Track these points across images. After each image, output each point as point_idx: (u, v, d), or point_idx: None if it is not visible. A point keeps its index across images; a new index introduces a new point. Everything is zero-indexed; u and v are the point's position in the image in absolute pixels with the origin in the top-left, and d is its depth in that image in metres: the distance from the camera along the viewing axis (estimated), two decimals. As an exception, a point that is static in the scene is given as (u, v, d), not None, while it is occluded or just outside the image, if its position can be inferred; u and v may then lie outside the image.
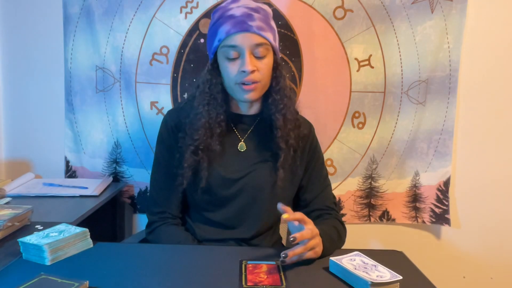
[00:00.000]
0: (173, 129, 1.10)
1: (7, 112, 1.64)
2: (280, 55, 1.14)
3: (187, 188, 1.09)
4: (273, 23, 1.06)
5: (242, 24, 0.98)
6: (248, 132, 1.12)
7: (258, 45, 1.00)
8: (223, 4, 1.05)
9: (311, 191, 1.15)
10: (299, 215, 0.90)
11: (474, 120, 1.63)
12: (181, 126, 1.09)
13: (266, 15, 1.03)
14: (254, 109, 1.12)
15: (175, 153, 1.09)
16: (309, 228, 0.89)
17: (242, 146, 1.11)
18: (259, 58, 1.02)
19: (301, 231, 0.88)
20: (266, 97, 1.09)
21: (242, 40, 0.99)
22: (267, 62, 1.03)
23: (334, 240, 1.00)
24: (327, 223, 1.06)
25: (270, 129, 1.08)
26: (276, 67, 1.07)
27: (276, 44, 1.06)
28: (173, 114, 1.13)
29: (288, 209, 0.90)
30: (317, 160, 1.17)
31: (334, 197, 1.19)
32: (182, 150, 1.06)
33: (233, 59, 1.01)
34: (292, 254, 0.86)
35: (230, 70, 1.02)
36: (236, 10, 1.00)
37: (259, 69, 1.02)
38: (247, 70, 0.99)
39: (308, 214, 1.15)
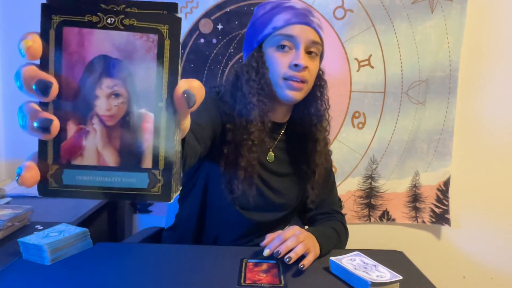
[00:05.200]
0: (222, 111, 0.94)
1: (7, 112, 1.64)
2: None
3: (225, 173, 0.96)
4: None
5: (304, 17, 0.92)
6: (276, 141, 1.03)
7: (314, 42, 0.92)
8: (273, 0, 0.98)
9: (318, 194, 1.14)
10: (276, 234, 0.86)
11: (474, 120, 1.63)
12: (225, 115, 0.95)
13: (320, 19, 0.98)
14: (281, 116, 1.02)
15: (215, 123, 0.91)
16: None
17: (270, 156, 1.02)
18: (311, 57, 0.93)
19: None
20: (296, 104, 1.00)
21: (300, 32, 0.91)
22: (317, 65, 0.96)
23: (330, 238, 0.99)
24: (325, 224, 1.06)
25: (302, 141, 1.01)
26: (320, 75, 0.99)
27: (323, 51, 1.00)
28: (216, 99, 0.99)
29: (266, 240, 0.85)
30: (326, 164, 1.15)
31: (340, 200, 1.18)
32: (231, 144, 0.93)
33: (285, 50, 0.92)
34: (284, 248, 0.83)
35: (279, 61, 0.92)
36: (296, 4, 0.95)
37: (310, 69, 0.93)
38: (300, 64, 0.89)
39: (313, 217, 1.15)
